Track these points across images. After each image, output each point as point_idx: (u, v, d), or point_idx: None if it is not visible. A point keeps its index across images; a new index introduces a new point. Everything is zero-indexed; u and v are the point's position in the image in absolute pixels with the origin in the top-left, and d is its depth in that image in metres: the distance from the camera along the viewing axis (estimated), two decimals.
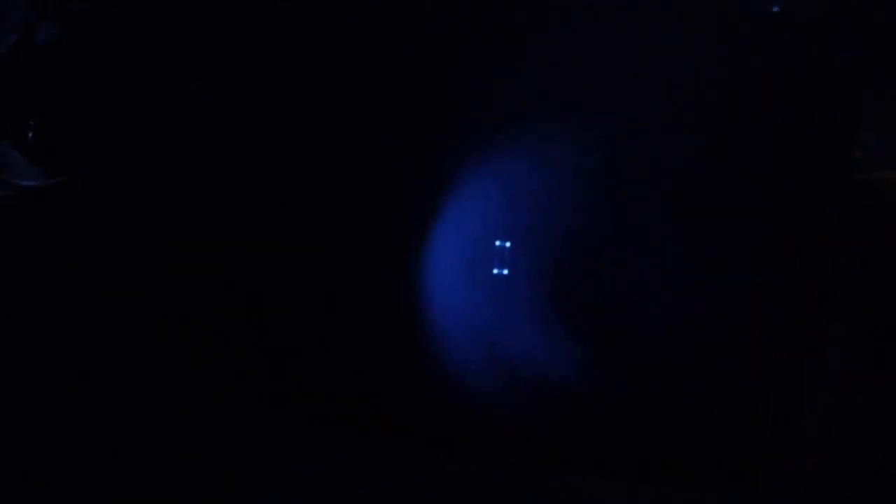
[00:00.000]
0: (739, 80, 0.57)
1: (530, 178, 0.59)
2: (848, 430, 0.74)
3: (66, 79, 0.84)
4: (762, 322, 0.60)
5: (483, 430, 0.63)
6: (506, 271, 0.60)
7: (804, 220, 0.58)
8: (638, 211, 0.60)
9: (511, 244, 0.60)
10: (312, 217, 0.66)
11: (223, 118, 0.72)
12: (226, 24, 0.77)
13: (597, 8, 0.60)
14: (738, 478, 0.66)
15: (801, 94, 0.57)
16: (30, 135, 0.83)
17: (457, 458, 0.67)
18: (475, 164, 0.60)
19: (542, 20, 0.60)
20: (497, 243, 0.60)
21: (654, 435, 0.64)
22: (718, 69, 0.58)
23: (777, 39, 0.57)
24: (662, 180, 0.59)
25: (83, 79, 0.84)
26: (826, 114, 0.57)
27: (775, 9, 0.57)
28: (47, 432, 0.71)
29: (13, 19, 0.85)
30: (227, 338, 0.72)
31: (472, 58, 0.61)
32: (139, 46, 0.83)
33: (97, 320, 0.77)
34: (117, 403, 0.74)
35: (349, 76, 0.64)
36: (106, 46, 0.84)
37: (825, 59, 0.56)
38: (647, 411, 0.62)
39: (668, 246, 0.59)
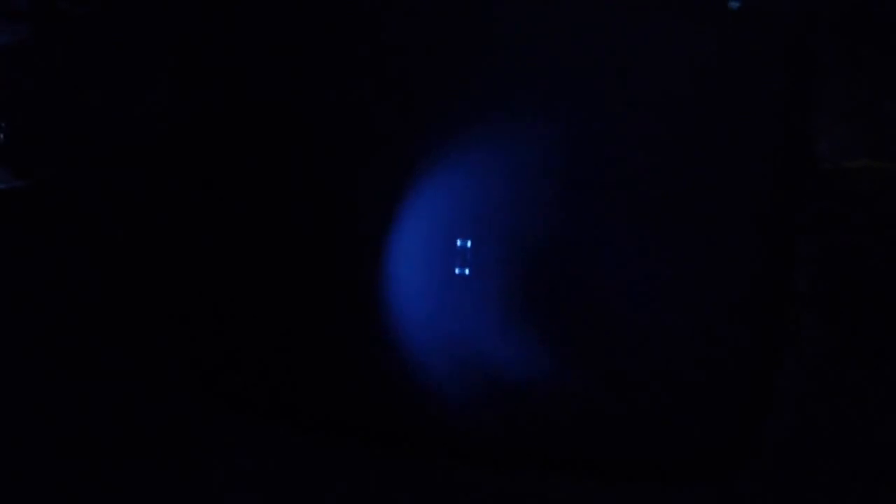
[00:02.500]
0: (699, 75, 0.57)
1: (491, 176, 0.59)
2: (820, 420, 0.75)
3: (34, 81, 0.85)
4: (726, 320, 0.60)
5: (446, 432, 0.63)
6: (467, 271, 0.59)
7: (764, 214, 0.58)
8: (600, 208, 0.60)
9: (472, 243, 0.59)
10: (275, 218, 0.66)
11: (184, 119, 0.72)
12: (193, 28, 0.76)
13: (558, 8, 0.60)
14: (707, 473, 0.66)
15: (758, 88, 0.57)
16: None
17: (420, 459, 0.68)
18: (435, 162, 0.59)
19: (503, 20, 0.60)
20: (458, 242, 0.59)
21: (621, 433, 0.63)
22: (678, 65, 0.57)
23: (736, 34, 0.57)
24: (623, 178, 0.58)
25: (51, 81, 0.85)
26: (782, 107, 0.57)
27: (734, 5, 0.56)
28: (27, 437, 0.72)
29: None
30: (188, 339, 0.73)
31: (432, 57, 0.61)
32: (108, 48, 0.84)
33: (65, 322, 0.78)
34: (86, 409, 0.74)
35: (309, 77, 0.64)
36: (74, 48, 0.85)
37: (783, 53, 0.56)
38: (612, 410, 0.62)
39: (631, 243, 0.59)
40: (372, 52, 0.62)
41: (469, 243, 0.59)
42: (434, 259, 0.60)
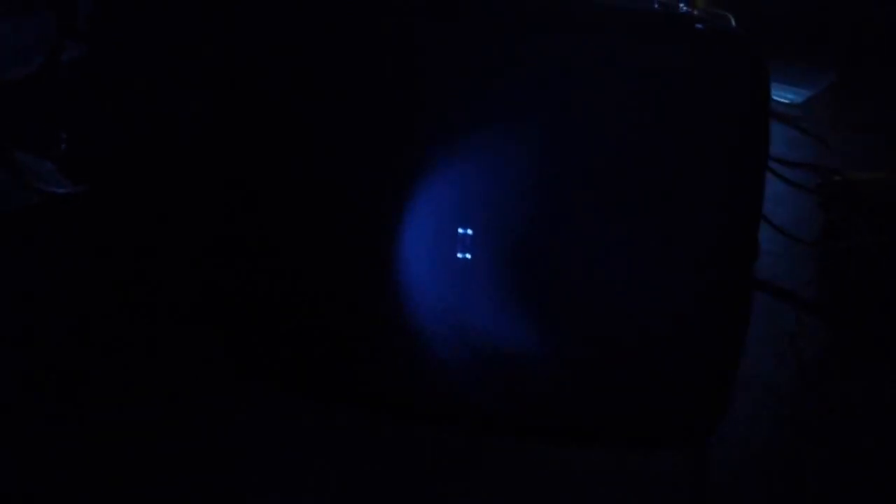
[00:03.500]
0: (670, 87, 0.66)
1: (490, 174, 0.68)
2: (816, 418, 0.80)
3: (94, 93, 0.92)
4: (695, 300, 0.69)
5: (448, 395, 0.72)
6: (468, 255, 0.69)
7: (723, 211, 0.67)
8: (583, 202, 0.69)
9: (473, 231, 0.69)
10: (300, 210, 0.74)
11: (237, 128, 0.77)
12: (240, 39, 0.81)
13: (553, 37, 0.69)
14: (682, 440, 0.74)
15: (721, 97, 0.65)
16: (61, 146, 0.91)
17: (422, 427, 0.76)
18: (442, 163, 0.69)
19: (499, 41, 0.70)
20: (460, 231, 0.69)
21: (601, 402, 0.72)
22: (652, 78, 0.66)
23: (701, 51, 0.65)
24: (603, 176, 0.67)
25: (110, 93, 0.92)
26: (742, 113, 0.65)
27: (700, 27, 0.66)
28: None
29: (44, 41, 0.92)
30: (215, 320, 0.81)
31: (436, 63, 0.69)
32: (164, 60, 0.90)
33: (120, 322, 0.84)
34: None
35: (325, 78, 0.71)
36: (131, 62, 0.92)
37: (741, 68, 0.65)
38: (594, 379, 0.71)
39: (609, 232, 0.68)
40: (384, 65, 0.70)
41: (470, 231, 0.69)
42: (440, 245, 0.69)
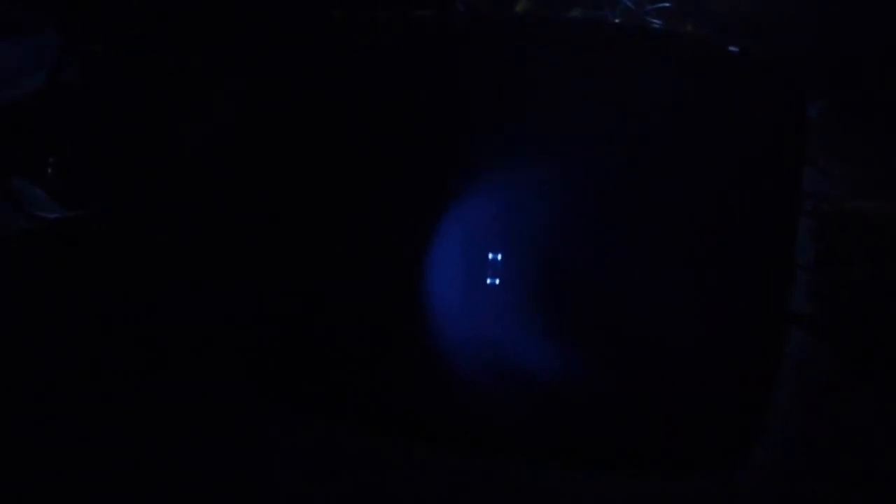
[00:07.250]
0: (704, 112, 0.66)
1: (521, 200, 0.69)
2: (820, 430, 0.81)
3: (83, 117, 0.91)
4: (728, 325, 0.69)
5: (474, 423, 0.71)
6: (497, 281, 0.69)
7: (762, 240, 0.67)
8: (614, 229, 0.69)
9: (502, 257, 0.69)
10: (323, 230, 0.73)
11: (236, 149, 0.78)
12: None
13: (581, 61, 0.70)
14: (708, 468, 0.74)
15: (757, 122, 0.66)
16: (48, 171, 0.90)
17: (448, 451, 0.75)
18: (472, 190, 0.69)
19: (536, 69, 0.70)
20: (490, 256, 0.69)
21: (632, 430, 0.72)
22: (686, 104, 0.66)
23: (736, 74, 0.66)
24: (633, 206, 0.68)
25: (99, 116, 0.91)
26: (780, 139, 0.66)
27: (733, 49, 0.67)
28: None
29: (28, 65, 0.90)
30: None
31: (466, 93, 0.69)
32: (155, 83, 0.89)
33: (115, 346, 0.83)
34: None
35: (352, 99, 0.72)
36: (121, 85, 0.91)
37: (779, 92, 0.66)
38: (624, 408, 0.70)
39: (639, 260, 0.69)
40: (413, 92, 0.71)
41: (500, 257, 0.69)
42: (470, 270, 0.69)
